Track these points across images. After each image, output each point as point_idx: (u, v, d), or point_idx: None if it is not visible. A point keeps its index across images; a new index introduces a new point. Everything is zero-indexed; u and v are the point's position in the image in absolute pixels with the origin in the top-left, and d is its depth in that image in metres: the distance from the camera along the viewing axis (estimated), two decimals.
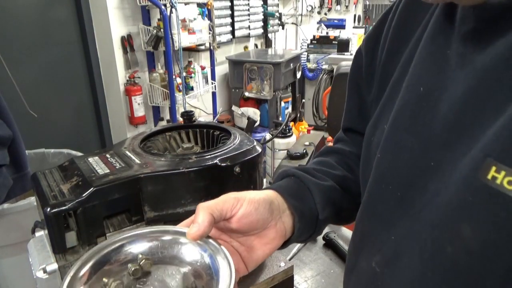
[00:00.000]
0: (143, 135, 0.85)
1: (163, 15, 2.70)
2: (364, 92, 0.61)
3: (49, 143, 2.01)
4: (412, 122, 0.42)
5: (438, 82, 0.40)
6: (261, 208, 0.50)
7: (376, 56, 0.56)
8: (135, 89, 2.92)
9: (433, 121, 0.39)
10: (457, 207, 0.33)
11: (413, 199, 0.40)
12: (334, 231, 1.06)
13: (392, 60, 0.52)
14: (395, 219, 0.42)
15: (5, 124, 1.29)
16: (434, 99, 0.39)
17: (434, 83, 0.40)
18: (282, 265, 0.80)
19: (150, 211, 0.68)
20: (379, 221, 0.45)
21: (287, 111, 4.02)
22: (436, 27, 0.43)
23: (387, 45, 0.54)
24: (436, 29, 0.43)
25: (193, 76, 3.21)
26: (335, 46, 4.58)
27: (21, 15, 2.41)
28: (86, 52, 2.81)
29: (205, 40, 3.27)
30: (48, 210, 0.59)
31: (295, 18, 5.44)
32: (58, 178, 0.69)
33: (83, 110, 2.92)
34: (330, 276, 0.94)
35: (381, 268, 0.44)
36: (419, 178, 0.39)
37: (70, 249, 0.63)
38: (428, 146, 0.39)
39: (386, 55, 0.54)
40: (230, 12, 3.98)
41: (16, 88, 1.87)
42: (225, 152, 0.75)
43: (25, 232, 0.76)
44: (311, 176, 0.58)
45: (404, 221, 0.41)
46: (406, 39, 0.49)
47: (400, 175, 0.42)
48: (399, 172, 0.42)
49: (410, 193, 0.40)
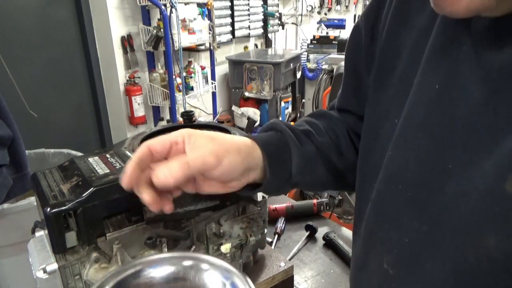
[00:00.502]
0: (143, 135, 0.85)
1: (163, 15, 2.70)
2: (362, 72, 0.57)
3: (49, 143, 2.01)
4: (427, 121, 0.40)
5: (454, 80, 0.38)
6: (239, 167, 0.47)
7: (377, 35, 0.53)
8: (135, 89, 2.92)
9: (451, 122, 0.37)
10: (481, 218, 0.32)
11: (427, 201, 0.39)
12: (334, 231, 1.06)
13: (393, 44, 0.49)
14: (404, 219, 0.41)
15: (5, 124, 1.29)
16: (451, 99, 0.38)
17: (450, 81, 0.39)
18: (282, 265, 0.80)
19: (150, 211, 0.68)
20: (387, 220, 0.44)
21: (287, 111, 4.02)
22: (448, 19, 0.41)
23: (386, 26, 0.50)
24: (449, 21, 0.41)
25: (193, 76, 3.21)
26: (335, 46, 4.57)
27: (21, 15, 2.41)
28: (86, 52, 2.81)
29: (205, 40, 3.27)
30: (48, 210, 0.59)
31: (295, 18, 5.44)
32: (58, 178, 0.69)
33: (83, 110, 2.92)
34: (330, 276, 0.94)
35: (396, 270, 0.42)
36: (435, 179, 0.38)
37: (70, 249, 0.63)
38: (446, 147, 0.37)
39: (385, 38, 0.50)
40: (230, 12, 3.97)
41: (16, 88, 1.87)
42: None
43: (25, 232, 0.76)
44: (295, 137, 0.56)
45: (419, 224, 0.39)
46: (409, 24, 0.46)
47: (413, 175, 0.41)
48: (412, 172, 0.41)
49: (422, 194, 0.39)
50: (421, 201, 0.39)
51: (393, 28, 0.49)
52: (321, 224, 1.13)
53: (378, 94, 0.51)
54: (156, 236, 0.68)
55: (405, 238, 0.41)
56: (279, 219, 1.12)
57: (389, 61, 0.49)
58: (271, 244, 1.03)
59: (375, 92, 0.52)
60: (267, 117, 3.87)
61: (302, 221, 1.13)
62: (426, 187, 0.39)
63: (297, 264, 0.98)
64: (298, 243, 1.05)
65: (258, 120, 3.73)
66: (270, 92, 3.74)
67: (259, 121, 3.79)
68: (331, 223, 1.17)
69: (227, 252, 0.79)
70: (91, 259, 0.65)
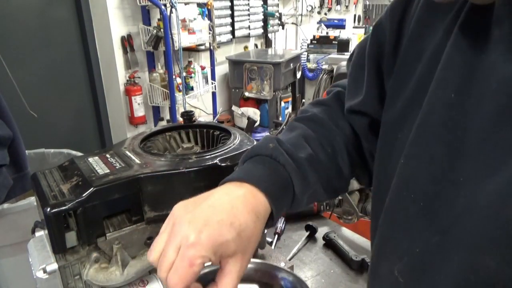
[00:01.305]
0: (143, 135, 0.85)
1: (163, 15, 2.70)
2: (385, 74, 0.53)
3: (49, 143, 2.01)
4: (442, 130, 0.39)
5: (470, 90, 0.37)
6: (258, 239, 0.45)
7: (403, 34, 0.49)
8: (135, 89, 2.93)
9: (464, 134, 0.36)
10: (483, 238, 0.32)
11: (438, 212, 0.38)
12: (334, 231, 1.06)
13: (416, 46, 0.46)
14: (416, 228, 0.41)
15: (5, 124, 1.29)
16: (465, 110, 0.36)
17: (466, 90, 0.37)
18: (282, 265, 0.80)
19: (150, 211, 0.68)
20: (399, 229, 0.44)
21: (287, 111, 4.02)
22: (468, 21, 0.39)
23: (411, 25, 0.47)
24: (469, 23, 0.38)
25: (193, 76, 3.21)
26: (335, 46, 4.58)
27: (21, 15, 2.41)
28: (86, 52, 2.81)
29: (205, 40, 3.27)
30: (48, 210, 0.59)
31: (295, 18, 5.44)
32: (58, 178, 0.69)
33: (83, 110, 2.92)
34: (330, 276, 0.94)
35: (405, 279, 0.42)
36: (446, 192, 0.37)
37: (70, 249, 0.63)
38: (458, 159, 0.36)
39: (409, 39, 0.47)
40: (230, 12, 3.98)
41: (16, 88, 1.87)
42: (225, 152, 0.75)
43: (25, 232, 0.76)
44: (298, 168, 0.52)
45: (431, 234, 0.39)
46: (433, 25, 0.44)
47: (425, 184, 0.40)
48: (424, 182, 0.40)
49: (434, 205, 0.38)
50: (433, 212, 0.38)
51: (418, 29, 0.46)
52: (321, 224, 1.13)
53: (395, 99, 0.49)
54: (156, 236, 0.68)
55: (415, 248, 0.40)
56: (279, 219, 1.12)
57: (410, 63, 0.47)
58: (271, 244, 1.03)
59: (393, 96, 0.50)
60: (267, 117, 3.87)
61: (302, 221, 1.13)
62: (438, 199, 0.38)
63: (297, 264, 0.98)
64: (298, 243, 1.05)
65: (258, 120, 3.73)
66: (270, 92, 3.74)
67: (259, 121, 3.79)
68: (331, 223, 1.17)
69: None
70: (91, 259, 0.65)
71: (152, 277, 0.70)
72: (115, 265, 0.65)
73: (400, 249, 0.43)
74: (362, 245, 1.06)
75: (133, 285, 0.68)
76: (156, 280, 0.69)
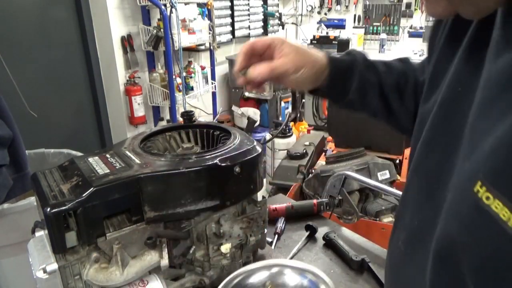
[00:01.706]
0: (143, 135, 0.85)
1: (163, 15, 2.70)
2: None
3: (49, 143, 2.01)
4: (446, 122, 0.44)
5: (471, 84, 0.40)
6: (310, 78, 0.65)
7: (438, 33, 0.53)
8: (135, 89, 2.93)
9: (460, 125, 0.40)
10: (451, 215, 0.37)
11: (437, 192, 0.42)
12: (334, 231, 1.06)
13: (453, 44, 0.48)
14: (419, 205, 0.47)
15: (5, 124, 1.29)
16: (465, 102, 0.40)
17: (469, 84, 0.41)
18: None
19: (150, 211, 0.68)
20: (408, 206, 0.50)
21: (287, 111, 4.02)
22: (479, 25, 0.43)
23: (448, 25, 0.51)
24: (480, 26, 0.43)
25: (193, 76, 3.21)
26: (335, 46, 4.58)
27: (21, 15, 2.41)
28: (86, 52, 2.81)
29: (205, 40, 3.27)
30: (48, 210, 0.59)
31: (295, 18, 5.44)
32: (58, 178, 0.69)
33: (83, 110, 2.92)
34: (330, 276, 0.94)
35: (405, 247, 0.49)
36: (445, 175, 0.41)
37: (70, 249, 0.63)
38: (454, 148, 0.41)
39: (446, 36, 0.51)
40: (230, 12, 3.98)
41: (16, 88, 1.87)
42: (225, 152, 0.75)
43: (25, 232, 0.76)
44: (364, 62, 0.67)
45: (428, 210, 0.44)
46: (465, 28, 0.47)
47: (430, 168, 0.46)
48: (429, 166, 0.46)
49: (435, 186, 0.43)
50: (432, 192, 0.44)
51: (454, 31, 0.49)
52: (321, 224, 1.13)
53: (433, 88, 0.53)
54: (156, 236, 0.68)
55: (415, 221, 0.47)
56: (279, 219, 1.12)
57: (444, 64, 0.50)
58: (271, 244, 1.03)
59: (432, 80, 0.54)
60: (267, 117, 3.87)
61: (302, 221, 1.13)
62: (438, 181, 0.43)
63: None
64: (298, 243, 1.05)
65: (258, 120, 3.73)
66: (270, 92, 3.72)
67: (259, 121, 3.79)
68: (331, 223, 1.16)
69: (227, 252, 0.79)
70: (91, 259, 0.65)
71: (152, 277, 0.70)
72: (115, 265, 0.65)
73: (405, 223, 0.50)
74: (362, 245, 1.05)
75: (133, 285, 0.68)
76: (156, 280, 0.69)
